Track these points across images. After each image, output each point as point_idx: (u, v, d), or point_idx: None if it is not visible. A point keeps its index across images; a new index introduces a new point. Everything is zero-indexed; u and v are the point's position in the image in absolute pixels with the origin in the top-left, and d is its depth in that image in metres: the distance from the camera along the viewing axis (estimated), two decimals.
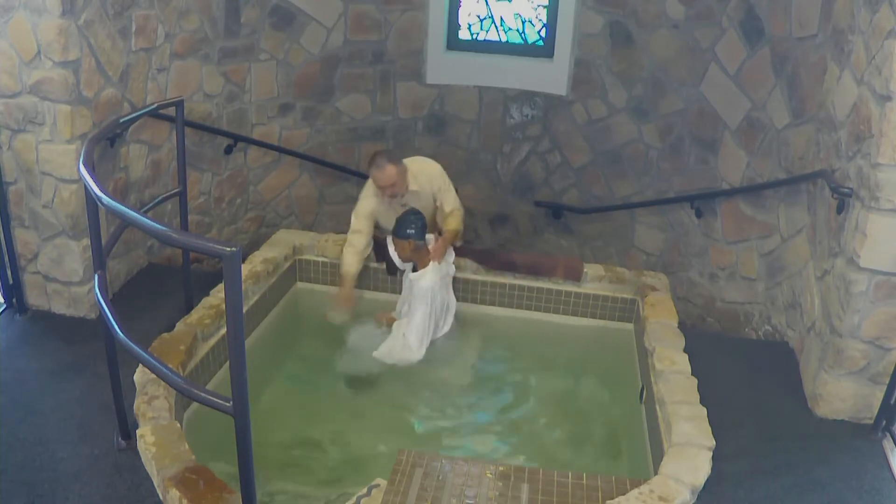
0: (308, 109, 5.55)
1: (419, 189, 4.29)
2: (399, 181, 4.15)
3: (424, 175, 4.31)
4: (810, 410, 3.61)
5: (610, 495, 2.91)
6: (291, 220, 5.83)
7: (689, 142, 5.11)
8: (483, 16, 5.54)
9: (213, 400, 2.20)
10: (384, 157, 4.13)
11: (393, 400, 3.93)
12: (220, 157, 5.12)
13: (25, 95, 3.54)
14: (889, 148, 3.10)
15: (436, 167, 4.39)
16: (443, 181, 4.37)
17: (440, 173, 4.38)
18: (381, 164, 4.09)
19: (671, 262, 5.33)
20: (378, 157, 4.15)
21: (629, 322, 4.54)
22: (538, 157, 5.66)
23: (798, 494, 3.04)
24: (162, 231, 2.15)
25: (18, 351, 3.65)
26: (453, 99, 5.61)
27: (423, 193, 4.32)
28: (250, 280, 4.16)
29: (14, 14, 3.40)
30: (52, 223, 3.78)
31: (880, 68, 3.14)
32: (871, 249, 3.24)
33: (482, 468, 3.10)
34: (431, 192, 4.36)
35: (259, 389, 3.70)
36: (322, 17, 5.31)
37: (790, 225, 4.26)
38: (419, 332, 4.06)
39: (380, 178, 4.11)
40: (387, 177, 4.10)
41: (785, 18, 4.27)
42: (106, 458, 2.98)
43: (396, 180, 4.13)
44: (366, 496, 2.84)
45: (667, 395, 3.36)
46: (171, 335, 3.56)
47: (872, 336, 3.36)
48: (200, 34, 4.66)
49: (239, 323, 2.03)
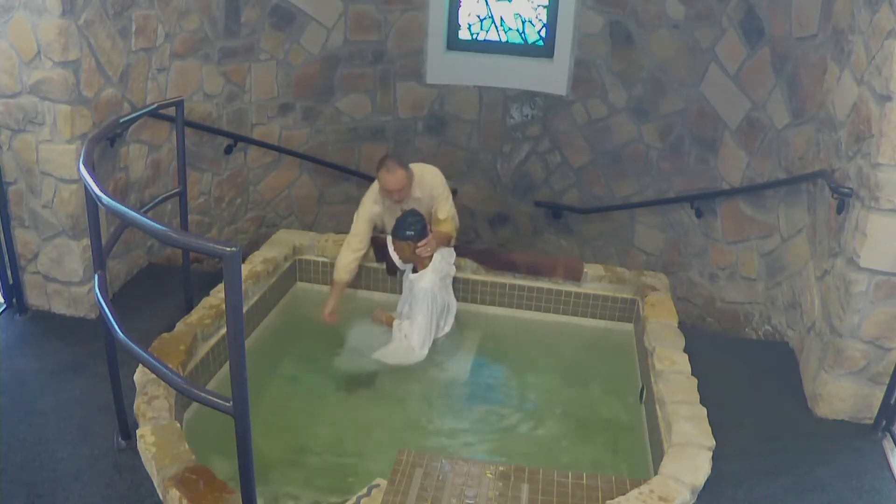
0: (308, 109, 5.55)
1: (421, 196, 4.31)
2: (406, 186, 4.16)
3: (427, 182, 4.32)
4: (810, 410, 3.60)
5: (610, 495, 2.91)
6: (291, 220, 5.83)
7: (689, 142, 5.11)
8: (483, 16, 5.54)
9: (213, 400, 2.20)
10: (395, 162, 4.14)
11: (393, 400, 3.93)
12: (220, 157, 5.12)
13: (25, 95, 3.54)
14: (889, 148, 3.10)
15: (438, 175, 4.39)
16: (442, 189, 4.38)
17: (441, 182, 4.38)
18: (391, 168, 4.10)
19: (671, 262, 5.33)
20: (389, 160, 4.15)
21: (629, 322, 4.54)
22: (538, 157, 5.66)
23: (798, 494, 3.04)
24: (162, 231, 2.15)
25: (18, 351, 3.65)
26: (453, 99, 5.61)
27: (425, 200, 4.34)
28: (250, 280, 4.16)
29: (14, 14, 3.40)
30: (52, 223, 3.78)
31: (880, 68, 3.14)
32: (871, 249, 3.24)
33: (482, 468, 3.10)
34: (431, 199, 4.37)
35: (259, 389, 3.70)
36: (322, 17, 5.31)
37: (790, 225, 4.26)
38: (421, 333, 4.06)
39: (389, 182, 4.11)
40: (396, 181, 4.10)
41: (785, 18, 4.27)
42: (106, 458, 2.98)
43: (405, 185, 4.14)
44: (366, 496, 2.84)
45: (667, 395, 3.36)
46: (171, 335, 3.56)
47: (872, 336, 3.36)
48: (200, 34, 4.66)
49: (239, 323, 2.03)
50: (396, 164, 4.12)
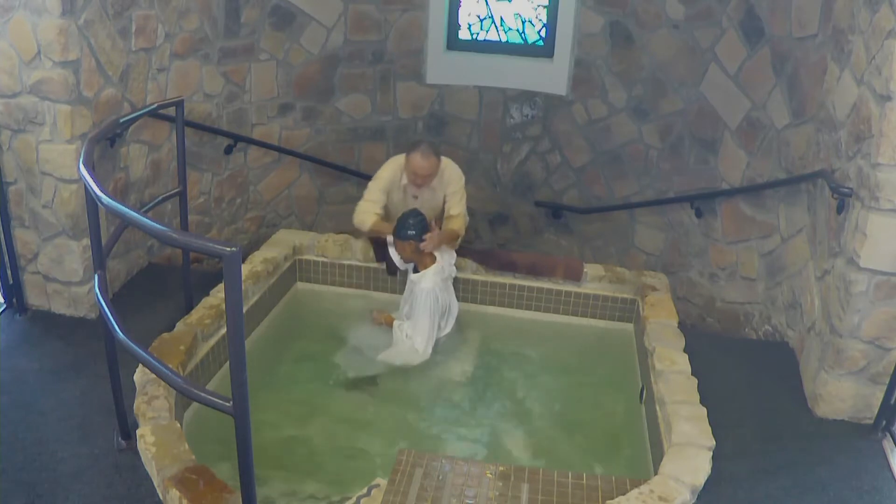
0: (308, 109, 5.55)
1: (437, 188, 4.34)
2: (433, 175, 4.23)
3: (446, 176, 4.35)
4: (810, 410, 3.60)
5: (610, 495, 2.91)
6: (291, 220, 5.83)
7: (689, 142, 5.11)
8: (483, 16, 5.55)
9: (213, 400, 2.20)
10: (431, 149, 4.20)
11: (393, 400, 3.93)
12: (220, 157, 5.12)
13: (25, 95, 3.54)
14: (889, 148, 3.10)
15: (458, 171, 4.42)
16: (459, 185, 4.40)
17: (459, 178, 4.41)
18: (427, 154, 4.15)
19: (671, 262, 5.33)
20: (425, 145, 4.21)
21: (629, 322, 4.54)
22: (538, 157, 5.66)
23: (798, 494, 3.04)
24: (162, 231, 2.15)
25: (18, 351, 3.65)
26: (453, 99, 5.61)
27: (438, 192, 4.37)
28: (250, 280, 4.16)
29: (14, 14, 3.40)
30: (52, 223, 3.78)
31: (880, 68, 3.14)
32: (871, 249, 3.23)
33: (482, 468, 3.10)
34: (445, 193, 4.39)
35: (259, 389, 3.69)
36: (322, 17, 5.31)
37: (790, 225, 4.26)
38: (424, 334, 4.07)
39: (422, 167, 4.16)
40: (428, 166, 4.17)
41: (785, 18, 4.27)
42: (106, 458, 2.98)
43: (433, 173, 4.21)
44: (366, 496, 2.84)
45: (667, 395, 3.36)
46: (171, 335, 3.56)
47: (872, 336, 3.36)
48: (200, 34, 4.66)
49: (239, 323, 2.03)
50: (432, 152, 4.18)
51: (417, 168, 4.16)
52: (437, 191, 4.35)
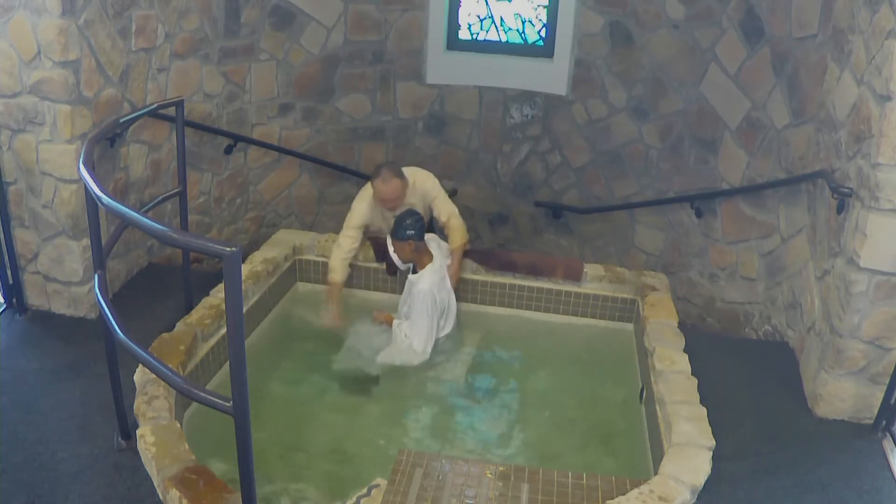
0: (308, 109, 5.55)
1: (414, 202, 4.33)
2: (401, 196, 4.20)
3: (419, 188, 4.34)
4: (810, 410, 3.60)
5: (610, 495, 2.91)
6: (291, 220, 5.83)
7: (689, 142, 5.11)
8: (483, 16, 5.55)
9: (213, 400, 2.20)
10: (390, 171, 4.15)
11: (393, 400, 3.93)
12: (220, 157, 5.12)
13: (25, 95, 3.54)
14: (889, 148, 3.10)
15: (429, 178, 4.39)
16: (436, 191, 4.38)
17: (433, 184, 4.39)
18: (387, 179, 4.12)
19: (671, 262, 5.33)
20: (384, 169, 4.16)
21: (629, 322, 4.54)
22: (538, 157, 5.66)
23: (798, 494, 3.04)
24: (162, 231, 2.15)
25: (18, 351, 3.65)
26: (453, 99, 5.61)
27: (418, 205, 4.35)
28: (250, 280, 4.16)
29: (14, 14, 3.40)
30: (52, 223, 3.78)
31: (880, 68, 3.14)
32: (871, 249, 3.23)
33: (482, 468, 3.10)
34: (425, 205, 4.39)
35: (259, 389, 3.70)
36: (322, 17, 5.31)
37: (790, 225, 4.26)
38: (423, 335, 4.07)
39: (384, 192, 4.14)
40: (391, 190, 4.13)
41: (785, 18, 4.27)
42: (106, 458, 2.98)
43: (399, 195, 4.18)
44: (366, 496, 2.84)
45: (667, 395, 3.36)
46: (171, 335, 3.56)
47: (872, 336, 3.36)
48: (200, 34, 4.66)
49: (239, 323, 2.03)
50: (392, 174, 4.13)
51: (383, 194, 4.15)
52: (415, 205, 4.33)
